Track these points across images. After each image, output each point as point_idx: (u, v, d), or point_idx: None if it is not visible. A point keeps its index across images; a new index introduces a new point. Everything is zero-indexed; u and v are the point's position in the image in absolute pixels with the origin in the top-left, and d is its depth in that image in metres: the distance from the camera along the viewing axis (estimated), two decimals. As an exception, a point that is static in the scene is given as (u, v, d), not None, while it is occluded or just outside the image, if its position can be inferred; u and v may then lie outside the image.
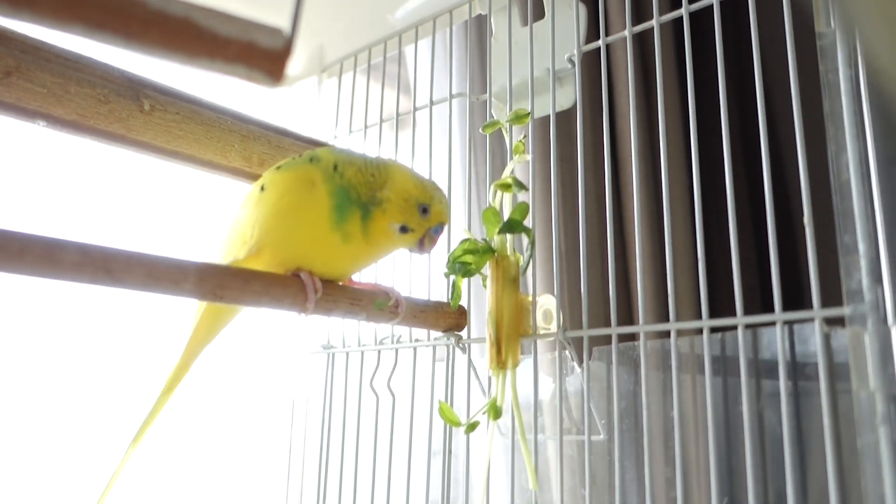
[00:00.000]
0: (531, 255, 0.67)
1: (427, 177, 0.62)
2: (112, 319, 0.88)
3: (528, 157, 0.69)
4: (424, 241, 0.60)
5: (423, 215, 0.58)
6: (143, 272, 0.44)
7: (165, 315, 0.83)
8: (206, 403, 0.94)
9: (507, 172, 0.69)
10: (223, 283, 0.49)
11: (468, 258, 0.67)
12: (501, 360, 0.65)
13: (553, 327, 0.67)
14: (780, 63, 0.59)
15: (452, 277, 0.69)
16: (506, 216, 0.67)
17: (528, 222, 0.66)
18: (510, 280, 0.67)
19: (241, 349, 0.95)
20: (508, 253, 0.67)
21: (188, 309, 0.63)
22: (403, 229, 0.58)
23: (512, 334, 0.66)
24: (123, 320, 0.88)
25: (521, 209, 0.65)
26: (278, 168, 0.60)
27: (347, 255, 0.59)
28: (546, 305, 0.68)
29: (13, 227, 0.39)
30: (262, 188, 0.59)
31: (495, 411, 0.64)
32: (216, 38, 0.28)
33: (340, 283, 0.62)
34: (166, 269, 0.45)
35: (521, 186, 0.66)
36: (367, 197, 0.57)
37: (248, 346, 0.96)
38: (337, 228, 0.56)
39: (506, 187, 0.67)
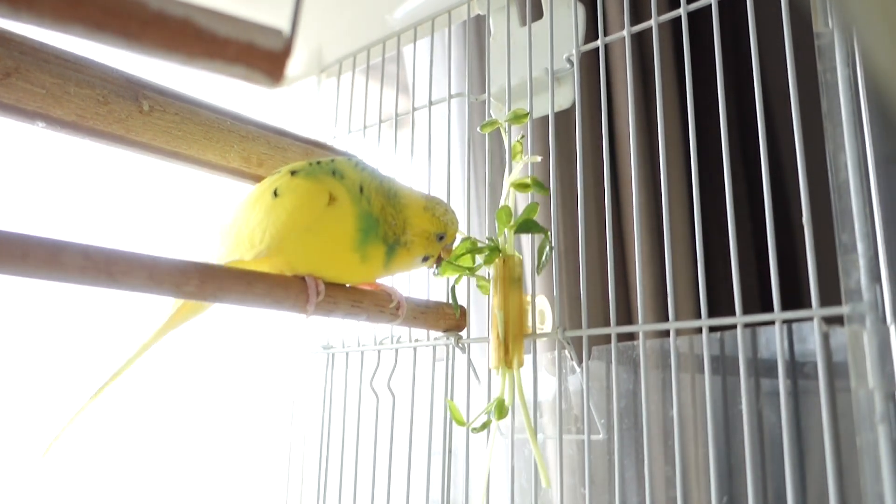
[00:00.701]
0: (547, 255, 0.66)
1: (426, 188, 0.65)
2: (109, 317, 0.88)
3: (539, 158, 0.68)
4: (440, 258, 0.65)
5: (439, 241, 0.63)
6: (146, 274, 0.44)
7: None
8: (206, 403, 0.94)
9: (515, 174, 0.68)
10: (225, 286, 0.49)
11: (467, 259, 0.67)
12: (509, 359, 0.65)
13: (547, 327, 0.67)
14: (778, 62, 0.59)
15: (451, 279, 0.70)
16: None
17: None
18: (515, 279, 0.67)
19: (241, 349, 0.96)
20: (512, 253, 0.67)
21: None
22: (425, 258, 0.63)
23: (518, 334, 0.66)
24: (121, 318, 0.88)
25: (532, 209, 0.66)
26: (294, 173, 0.58)
27: (362, 273, 0.61)
28: (540, 306, 0.68)
29: (14, 229, 0.39)
30: (276, 193, 0.57)
31: (501, 411, 0.64)
32: (215, 39, 0.28)
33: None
34: (168, 272, 0.45)
35: (542, 188, 0.65)
36: (392, 239, 0.60)
37: (248, 347, 0.96)
38: (358, 249, 0.58)
39: (523, 187, 0.66)
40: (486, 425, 0.65)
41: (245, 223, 0.59)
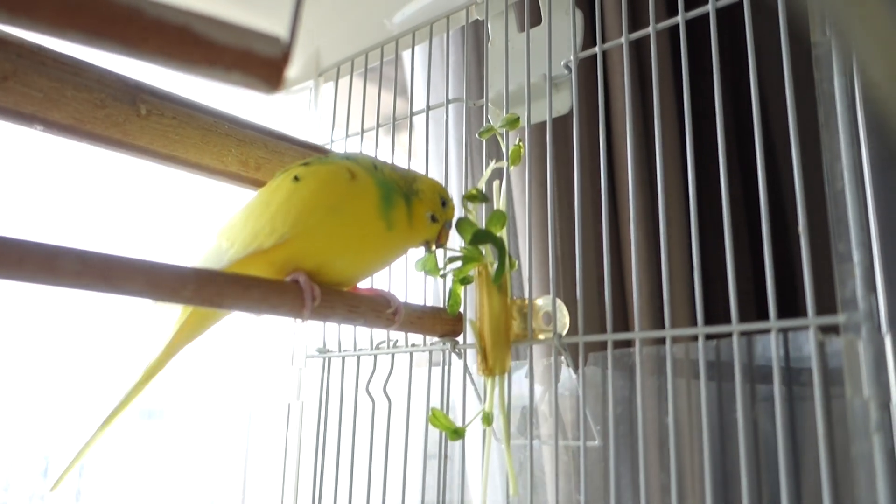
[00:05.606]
0: (502, 266, 0.66)
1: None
2: (108, 318, 0.88)
3: (504, 163, 0.70)
4: (441, 236, 0.66)
5: (443, 207, 0.65)
6: (143, 280, 0.44)
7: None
8: (202, 407, 0.94)
9: (482, 180, 0.69)
10: (222, 291, 0.49)
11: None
12: (488, 366, 0.65)
13: (557, 327, 0.67)
14: (775, 71, 0.59)
15: (449, 283, 0.69)
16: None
17: (513, 230, 0.66)
18: (496, 286, 0.67)
19: (237, 353, 0.95)
20: (493, 259, 0.67)
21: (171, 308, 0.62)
22: (433, 218, 0.64)
23: (498, 340, 0.65)
24: (119, 319, 0.88)
25: (499, 218, 0.66)
26: (307, 164, 0.61)
27: (386, 244, 0.62)
28: (546, 308, 0.68)
29: (10, 233, 0.39)
30: (297, 178, 0.59)
31: (488, 417, 0.64)
32: (214, 46, 0.28)
33: (344, 289, 0.62)
34: (166, 277, 0.45)
35: (484, 198, 0.68)
36: (406, 189, 0.63)
37: (243, 351, 0.95)
38: (383, 216, 0.60)
39: (472, 198, 0.68)
40: (460, 433, 0.65)
41: (263, 212, 0.59)
